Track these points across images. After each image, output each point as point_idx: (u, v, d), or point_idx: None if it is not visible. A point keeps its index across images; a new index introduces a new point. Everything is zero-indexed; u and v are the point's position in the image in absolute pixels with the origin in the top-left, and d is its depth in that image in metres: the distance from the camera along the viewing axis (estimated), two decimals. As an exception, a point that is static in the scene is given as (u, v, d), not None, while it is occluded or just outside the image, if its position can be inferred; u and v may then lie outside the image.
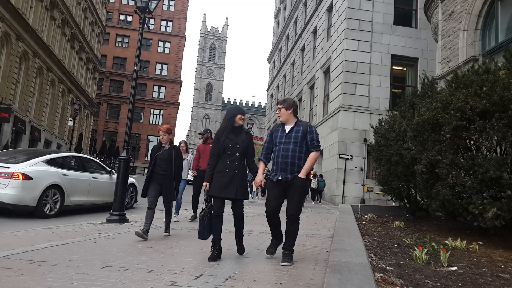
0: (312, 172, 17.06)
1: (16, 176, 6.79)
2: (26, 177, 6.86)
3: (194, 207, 7.54)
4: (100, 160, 21.53)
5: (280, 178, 3.72)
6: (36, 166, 7.22)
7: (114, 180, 7.74)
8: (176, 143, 6.19)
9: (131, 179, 9.17)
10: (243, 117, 4.05)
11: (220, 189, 3.81)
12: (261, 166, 3.93)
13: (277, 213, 3.80)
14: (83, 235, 5.10)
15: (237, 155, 3.88)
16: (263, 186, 3.93)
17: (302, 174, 3.69)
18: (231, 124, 3.96)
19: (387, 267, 3.67)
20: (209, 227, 3.88)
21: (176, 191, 5.43)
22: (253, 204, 13.56)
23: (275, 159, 3.80)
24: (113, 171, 9.40)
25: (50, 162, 7.59)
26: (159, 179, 5.23)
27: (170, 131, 5.51)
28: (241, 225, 4.07)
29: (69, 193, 7.73)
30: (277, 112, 3.94)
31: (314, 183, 16.60)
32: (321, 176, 17.55)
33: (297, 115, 3.95)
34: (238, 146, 3.89)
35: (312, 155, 3.75)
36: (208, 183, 3.89)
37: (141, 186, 5.65)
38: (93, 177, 8.56)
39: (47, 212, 7.24)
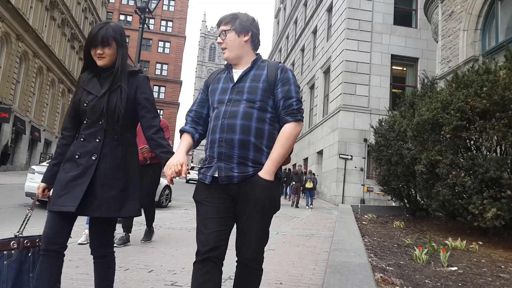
0: (298, 168, 16.14)
1: None
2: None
3: (126, 226, 4.61)
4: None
5: (218, 175, 1.73)
6: None
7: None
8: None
9: (165, 181, 10.21)
10: (107, 49, 1.92)
11: (56, 195, 1.89)
12: (182, 141, 1.90)
13: (220, 262, 1.78)
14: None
15: (100, 123, 1.92)
16: (183, 176, 1.89)
17: (268, 171, 1.71)
18: (87, 62, 2.01)
19: (387, 267, 3.66)
20: (38, 278, 1.84)
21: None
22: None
23: (210, 134, 1.81)
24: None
25: None
26: None
27: None
28: (106, 284, 2.07)
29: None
30: (218, 41, 1.94)
31: (308, 182, 14.15)
32: (313, 173, 15.34)
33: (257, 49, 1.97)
34: (102, 106, 1.90)
35: (289, 130, 1.75)
36: (44, 186, 2.02)
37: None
38: None
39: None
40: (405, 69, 17.83)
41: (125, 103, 1.94)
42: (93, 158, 1.90)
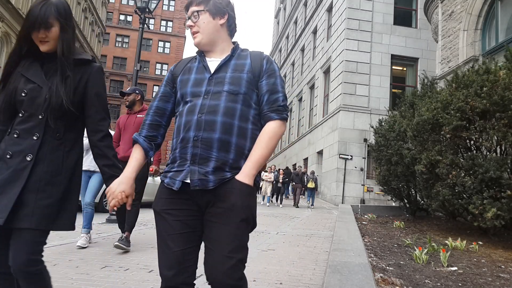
0: (299, 168, 16.32)
1: None
2: None
3: (121, 223, 4.44)
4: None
5: (189, 181, 1.43)
6: None
7: (156, 181, 9.32)
8: None
9: None
10: (50, 31, 1.60)
11: None
12: (132, 158, 1.56)
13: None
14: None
15: (40, 117, 1.60)
16: (123, 200, 1.49)
17: (247, 174, 1.44)
18: (28, 46, 1.66)
19: (387, 267, 3.67)
20: None
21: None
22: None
23: (181, 132, 1.49)
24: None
25: None
26: None
27: None
28: None
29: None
30: (188, 25, 1.62)
31: (310, 182, 14.31)
32: (314, 173, 15.42)
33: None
34: (45, 97, 1.59)
35: (274, 129, 1.51)
36: None
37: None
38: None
39: None
40: (405, 69, 17.83)
41: (71, 96, 1.62)
42: (28, 159, 1.56)
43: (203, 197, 1.42)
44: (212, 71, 1.54)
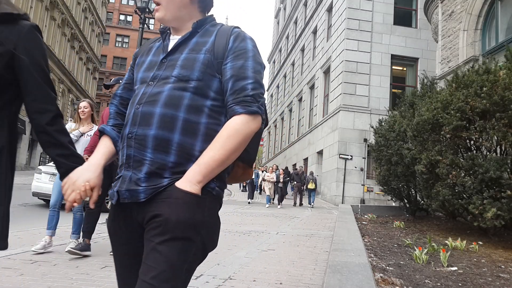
0: (299, 168, 16.33)
1: None
2: None
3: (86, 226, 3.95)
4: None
5: (118, 190, 1.14)
6: None
7: None
8: None
9: None
10: None
11: None
12: (100, 146, 1.27)
13: None
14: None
15: None
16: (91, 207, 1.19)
17: (190, 179, 1.08)
18: None
19: (387, 267, 3.67)
20: None
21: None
22: (252, 203, 13.54)
23: (126, 127, 1.21)
24: None
25: None
26: None
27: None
28: None
29: None
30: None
31: (311, 183, 14.40)
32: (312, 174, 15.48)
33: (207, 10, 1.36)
34: None
35: (235, 125, 1.13)
36: None
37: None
38: None
39: None
40: (405, 69, 17.83)
41: None
42: None
43: (138, 212, 1.10)
44: (168, 51, 1.25)
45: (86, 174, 1.14)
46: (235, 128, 1.11)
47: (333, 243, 4.48)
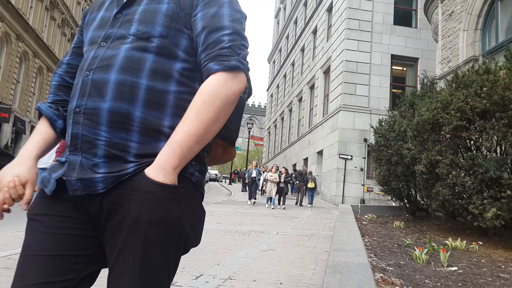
0: (303, 168, 16.27)
1: None
2: None
3: None
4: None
5: (65, 178, 0.88)
6: None
7: None
8: None
9: None
10: None
11: None
12: (35, 132, 1.04)
13: None
14: None
15: None
16: (23, 209, 0.94)
17: (163, 165, 0.85)
18: None
19: (387, 267, 3.67)
20: None
21: None
22: (252, 204, 13.53)
23: (72, 99, 0.94)
24: None
25: None
26: None
27: None
28: None
29: None
30: None
31: (310, 182, 14.43)
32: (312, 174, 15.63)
33: None
34: None
35: (209, 87, 0.89)
36: None
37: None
38: None
39: None
40: (405, 69, 17.84)
41: None
42: None
43: (92, 205, 0.87)
44: (122, 4, 1.00)
45: (15, 169, 0.94)
46: (211, 90, 0.88)
47: (333, 243, 4.48)
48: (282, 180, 14.02)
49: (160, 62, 0.92)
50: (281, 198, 13.43)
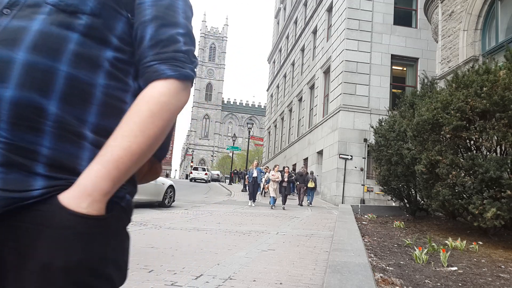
0: (303, 169, 16.32)
1: None
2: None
3: None
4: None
5: None
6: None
7: (158, 180, 10.31)
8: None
9: (169, 181, 10.92)
10: None
11: None
12: None
13: None
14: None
15: None
16: None
17: (87, 191, 0.62)
18: None
19: (387, 267, 3.67)
20: None
21: None
22: (252, 204, 13.54)
23: None
24: None
25: None
26: None
27: None
28: None
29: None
30: None
31: (310, 182, 14.63)
32: (312, 174, 15.80)
33: None
34: None
35: (158, 95, 0.71)
36: None
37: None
38: None
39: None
40: (405, 69, 17.84)
41: None
42: None
43: None
44: None
45: None
46: (162, 100, 0.71)
47: (333, 243, 4.48)
48: (285, 180, 13.94)
49: (87, 46, 0.71)
50: (283, 198, 13.46)
